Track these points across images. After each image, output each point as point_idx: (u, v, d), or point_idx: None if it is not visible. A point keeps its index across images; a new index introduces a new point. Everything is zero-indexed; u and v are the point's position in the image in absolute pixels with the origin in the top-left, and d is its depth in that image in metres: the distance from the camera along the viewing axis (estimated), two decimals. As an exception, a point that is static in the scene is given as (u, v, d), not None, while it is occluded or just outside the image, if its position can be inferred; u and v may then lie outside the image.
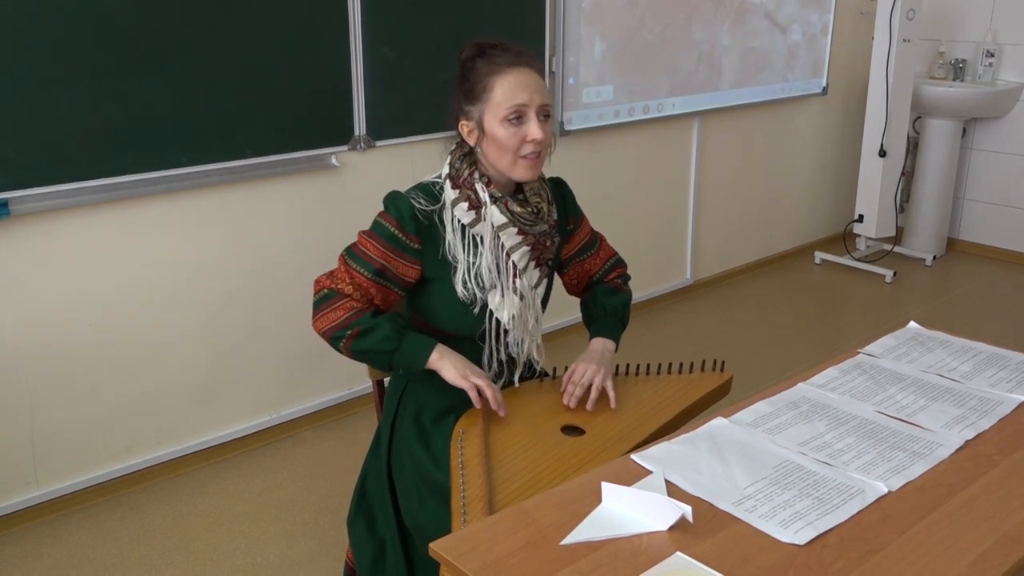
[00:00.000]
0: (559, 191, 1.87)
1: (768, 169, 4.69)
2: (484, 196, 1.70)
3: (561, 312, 3.44)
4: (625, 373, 1.86)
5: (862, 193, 4.68)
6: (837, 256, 4.85)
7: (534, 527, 1.21)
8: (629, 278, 1.99)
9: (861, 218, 4.70)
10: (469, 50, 1.72)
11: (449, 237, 1.70)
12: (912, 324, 1.97)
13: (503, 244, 1.72)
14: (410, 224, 1.68)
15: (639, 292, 2.12)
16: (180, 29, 2.49)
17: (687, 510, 1.21)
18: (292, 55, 2.72)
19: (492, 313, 1.73)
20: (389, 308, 1.73)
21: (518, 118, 1.66)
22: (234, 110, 2.64)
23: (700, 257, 4.42)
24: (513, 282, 1.73)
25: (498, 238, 1.71)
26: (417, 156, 3.08)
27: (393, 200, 1.71)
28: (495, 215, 1.70)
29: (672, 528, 1.21)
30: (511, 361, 1.82)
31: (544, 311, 1.85)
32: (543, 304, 1.84)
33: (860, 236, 4.89)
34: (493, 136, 1.67)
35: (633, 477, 1.33)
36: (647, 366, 1.87)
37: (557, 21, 3.40)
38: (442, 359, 1.68)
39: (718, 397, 1.83)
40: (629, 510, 1.24)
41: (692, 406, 1.75)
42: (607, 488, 1.26)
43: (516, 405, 1.73)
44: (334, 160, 2.93)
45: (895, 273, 4.59)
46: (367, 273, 1.67)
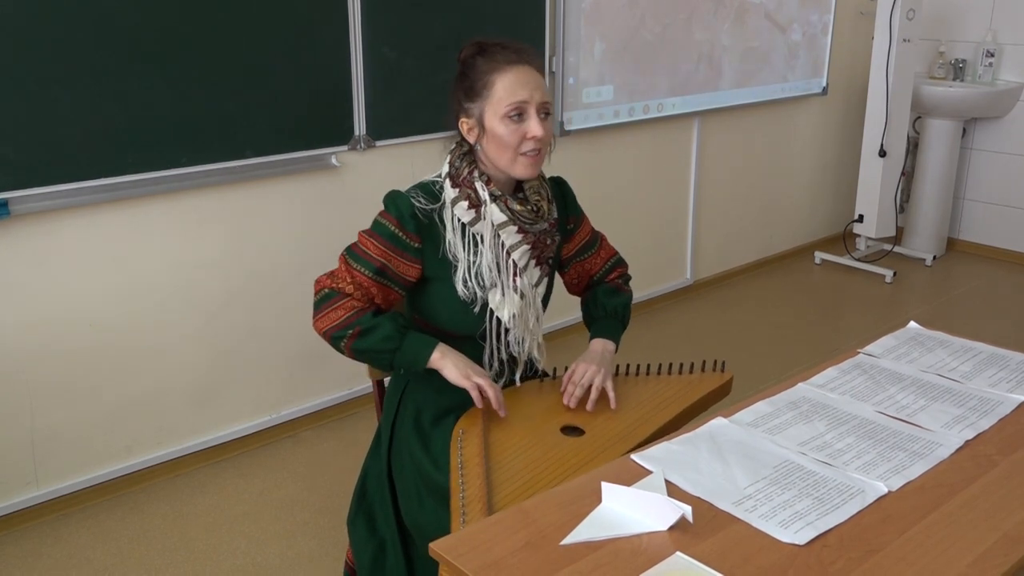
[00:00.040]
0: (559, 190, 1.87)
1: (768, 169, 4.69)
2: (484, 194, 1.70)
3: (562, 312, 3.44)
4: (625, 373, 1.86)
5: (862, 193, 4.68)
6: (837, 256, 4.85)
7: (534, 527, 1.21)
8: (630, 278, 1.99)
9: (861, 218, 4.70)
10: (469, 49, 1.72)
11: (449, 236, 1.70)
12: (912, 324, 1.97)
13: (503, 243, 1.71)
14: (410, 223, 1.68)
15: (639, 292, 2.12)
16: (180, 29, 2.49)
17: (687, 510, 1.21)
18: (292, 55, 2.72)
19: (493, 312, 1.73)
20: (390, 308, 1.73)
21: (519, 115, 1.66)
22: (234, 110, 2.64)
23: (700, 257, 4.42)
24: (513, 280, 1.73)
25: (498, 236, 1.71)
26: (417, 156, 3.08)
27: (393, 199, 1.71)
28: (495, 213, 1.70)
29: (672, 528, 1.21)
30: (512, 360, 1.82)
31: (545, 310, 1.85)
32: (544, 303, 1.84)
33: (860, 236, 4.88)
34: (493, 133, 1.67)
35: (633, 477, 1.33)
36: (647, 366, 1.87)
37: (557, 21, 3.40)
38: (444, 358, 1.68)
39: (718, 398, 1.83)
40: (629, 510, 1.23)
41: (692, 407, 1.75)
42: (607, 488, 1.26)
43: (516, 405, 1.73)
44: (334, 160, 2.93)
45: (895, 273, 4.59)
46: (368, 272, 1.67)
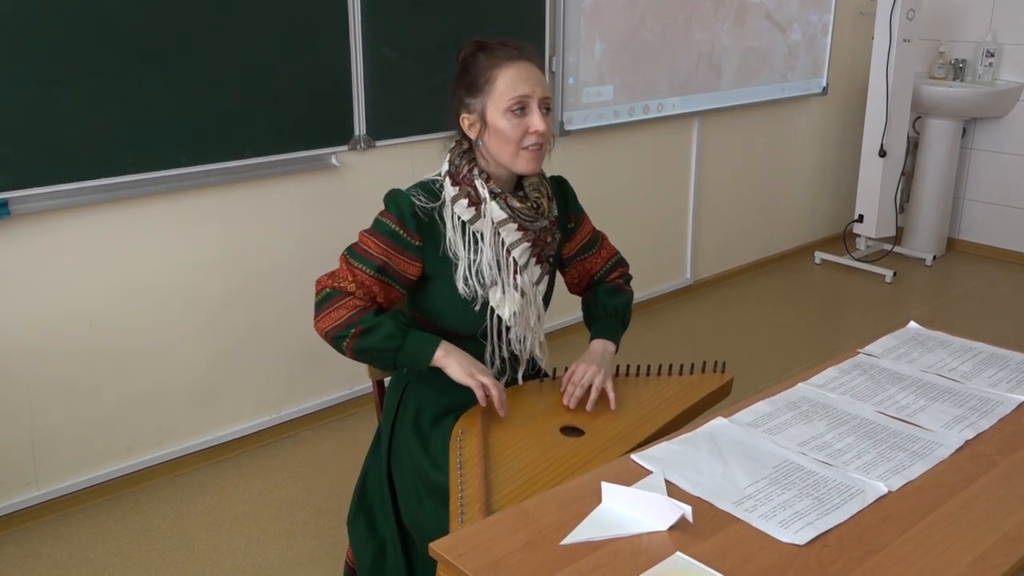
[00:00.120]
0: (560, 189, 1.87)
1: (768, 169, 4.69)
2: (484, 192, 1.70)
3: (562, 312, 3.44)
4: (625, 374, 1.86)
5: (862, 193, 4.68)
6: (837, 256, 4.85)
7: (534, 527, 1.21)
8: (631, 278, 1.99)
9: (861, 218, 4.70)
10: (469, 48, 1.73)
11: (450, 234, 1.70)
12: (912, 324, 1.97)
13: (503, 240, 1.72)
14: (411, 221, 1.68)
15: (639, 292, 2.12)
16: (180, 29, 2.49)
17: (687, 510, 1.21)
18: (292, 55, 2.72)
19: (493, 310, 1.73)
20: (391, 307, 1.73)
21: (521, 109, 1.66)
22: (234, 110, 2.64)
23: (700, 257, 4.42)
24: (514, 279, 1.73)
25: (498, 234, 1.71)
26: (417, 156, 3.08)
27: (393, 198, 1.71)
28: (495, 211, 1.70)
29: (672, 528, 1.21)
30: (514, 359, 1.82)
31: (547, 309, 1.84)
32: (545, 302, 1.83)
33: (860, 236, 4.88)
34: (495, 128, 1.67)
35: (633, 477, 1.33)
36: (647, 367, 1.87)
37: (557, 21, 3.40)
38: (447, 356, 1.67)
39: (719, 399, 1.83)
40: (629, 510, 1.23)
41: (692, 407, 1.75)
42: (607, 488, 1.26)
43: (516, 405, 1.72)
44: (334, 160, 2.93)
45: (895, 273, 4.59)
46: (369, 271, 1.67)
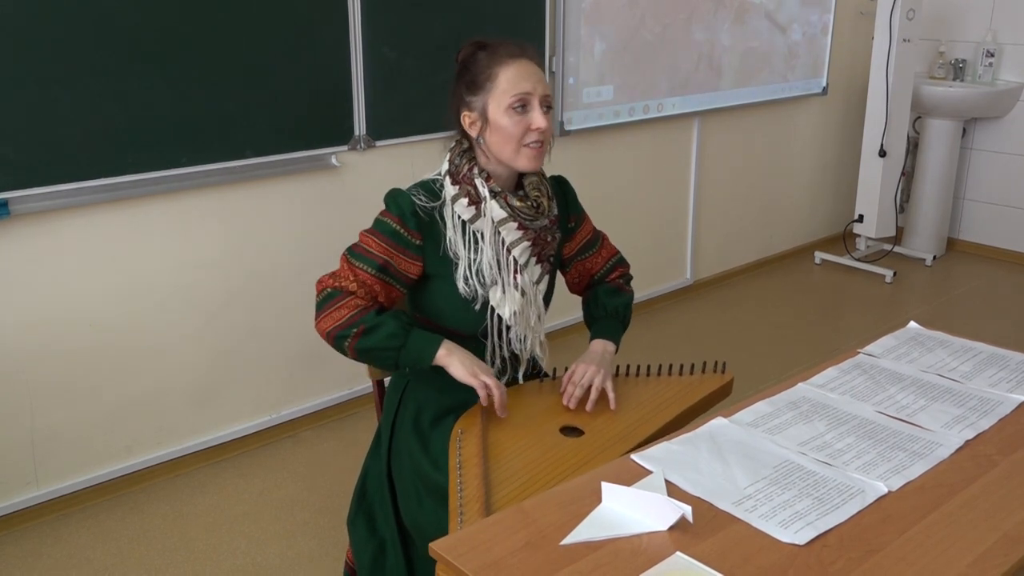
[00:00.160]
0: (560, 188, 1.87)
1: (768, 169, 4.69)
2: (484, 191, 1.70)
3: (562, 312, 3.44)
4: (625, 374, 1.86)
5: (862, 193, 4.68)
6: (837, 256, 4.85)
7: (534, 527, 1.21)
8: (631, 278, 1.99)
9: (861, 218, 4.70)
10: (468, 48, 1.73)
11: (450, 234, 1.70)
12: (912, 324, 1.97)
13: (503, 239, 1.72)
14: (411, 220, 1.68)
15: (639, 292, 2.12)
16: (180, 29, 2.49)
17: (687, 510, 1.21)
18: (292, 55, 2.72)
19: (494, 309, 1.73)
20: (392, 306, 1.73)
21: (522, 106, 1.66)
22: (234, 110, 2.64)
23: (700, 257, 4.42)
24: (514, 278, 1.73)
25: (498, 233, 1.71)
26: (417, 156, 3.08)
27: (394, 197, 1.71)
28: (495, 210, 1.70)
29: (672, 528, 1.20)
30: (514, 358, 1.82)
31: (547, 309, 1.84)
32: (546, 301, 1.83)
33: (860, 236, 4.88)
34: (497, 125, 1.67)
35: (633, 477, 1.33)
36: (647, 367, 1.87)
37: (557, 21, 3.40)
38: (450, 355, 1.66)
39: (719, 399, 1.83)
40: (629, 510, 1.23)
41: (692, 408, 1.75)
42: (607, 488, 1.26)
43: (515, 406, 1.72)
44: (334, 160, 2.93)
45: (895, 273, 4.59)
46: (371, 270, 1.67)
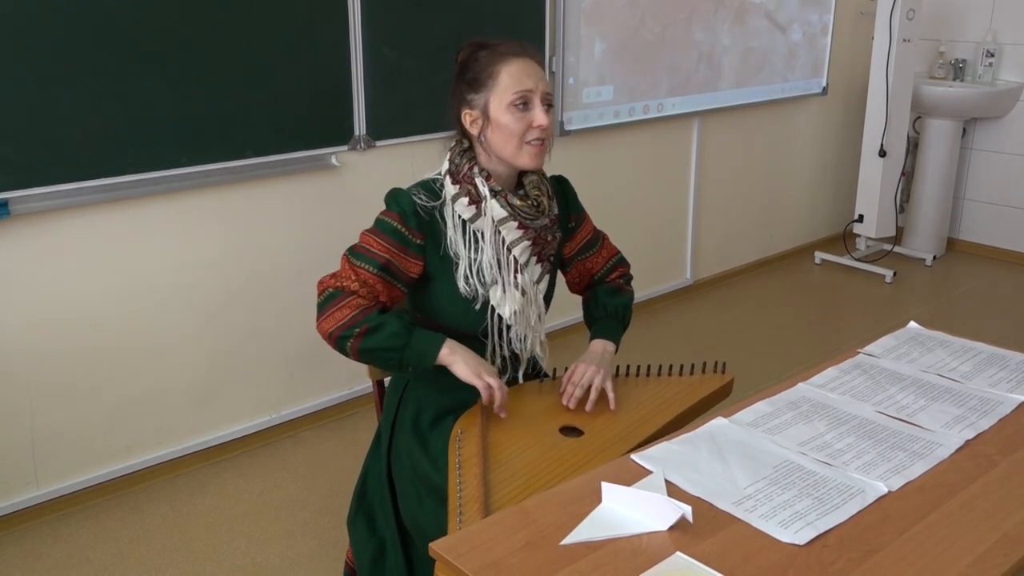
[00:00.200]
0: (561, 188, 1.87)
1: (768, 169, 4.68)
2: (484, 190, 1.70)
3: (562, 312, 3.44)
4: (625, 374, 1.86)
5: (862, 193, 4.68)
6: (837, 256, 4.85)
7: (534, 527, 1.21)
8: (631, 278, 1.99)
9: (861, 218, 4.70)
10: (468, 49, 1.73)
11: (450, 233, 1.70)
12: (912, 324, 1.97)
13: (504, 239, 1.72)
14: (412, 219, 1.68)
15: (639, 292, 2.12)
16: (180, 29, 2.49)
17: (687, 510, 1.21)
18: (292, 55, 2.72)
19: (494, 309, 1.73)
20: (393, 306, 1.73)
21: (524, 104, 1.67)
22: (234, 110, 2.64)
23: (700, 257, 4.42)
24: (514, 277, 1.73)
25: (498, 232, 1.71)
26: (417, 156, 3.08)
27: (395, 197, 1.71)
28: (495, 209, 1.70)
29: (672, 528, 1.21)
30: (514, 357, 1.82)
31: (548, 309, 1.84)
32: (546, 301, 1.83)
33: (860, 236, 4.88)
34: (499, 123, 1.67)
35: (633, 477, 1.33)
36: (647, 367, 1.87)
37: (557, 21, 3.40)
38: (453, 354, 1.66)
39: (719, 399, 1.83)
40: (629, 510, 1.23)
41: (692, 408, 1.75)
42: (607, 488, 1.26)
43: (515, 406, 1.72)
44: (334, 160, 2.93)
45: (895, 273, 4.59)
46: (372, 269, 1.66)
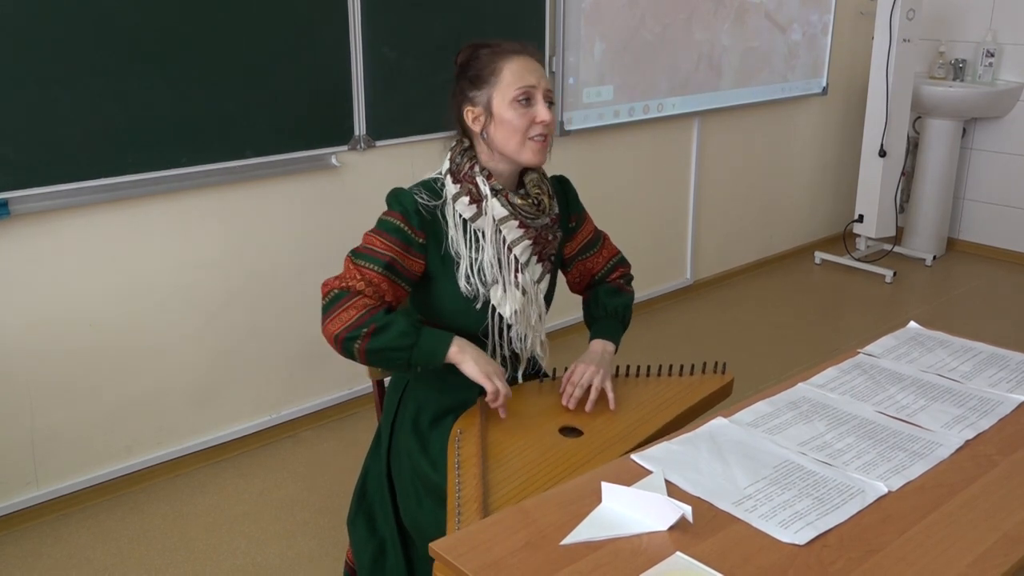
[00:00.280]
0: (562, 188, 1.87)
1: (768, 169, 4.69)
2: (485, 189, 1.71)
3: (563, 312, 3.44)
4: (625, 375, 1.86)
5: (862, 193, 4.68)
6: (837, 256, 4.85)
7: (534, 527, 1.21)
8: (632, 278, 1.99)
9: (861, 218, 4.70)
10: (468, 49, 1.73)
11: (451, 232, 1.70)
12: (912, 324, 1.97)
13: (504, 238, 1.72)
14: (415, 218, 1.68)
15: (639, 292, 2.12)
16: (180, 29, 2.49)
17: (687, 510, 1.21)
18: (292, 55, 2.72)
19: (495, 309, 1.73)
20: (398, 307, 1.72)
21: (527, 100, 1.67)
22: (234, 110, 2.64)
23: (700, 257, 4.42)
24: (515, 277, 1.73)
25: (499, 232, 1.71)
26: (417, 156, 3.08)
27: (396, 196, 1.71)
28: (496, 208, 1.70)
29: (672, 528, 1.20)
30: (515, 357, 1.82)
31: (548, 308, 1.84)
32: (547, 301, 1.83)
33: (860, 236, 4.88)
34: (502, 119, 1.68)
35: (633, 477, 1.33)
36: (647, 368, 1.87)
37: (557, 21, 3.40)
38: (462, 352, 1.65)
39: (719, 399, 1.82)
40: (629, 510, 1.23)
41: (692, 408, 1.75)
42: (607, 488, 1.26)
43: (515, 406, 1.72)
44: (334, 160, 2.93)
45: (895, 273, 4.59)
46: (377, 268, 1.65)
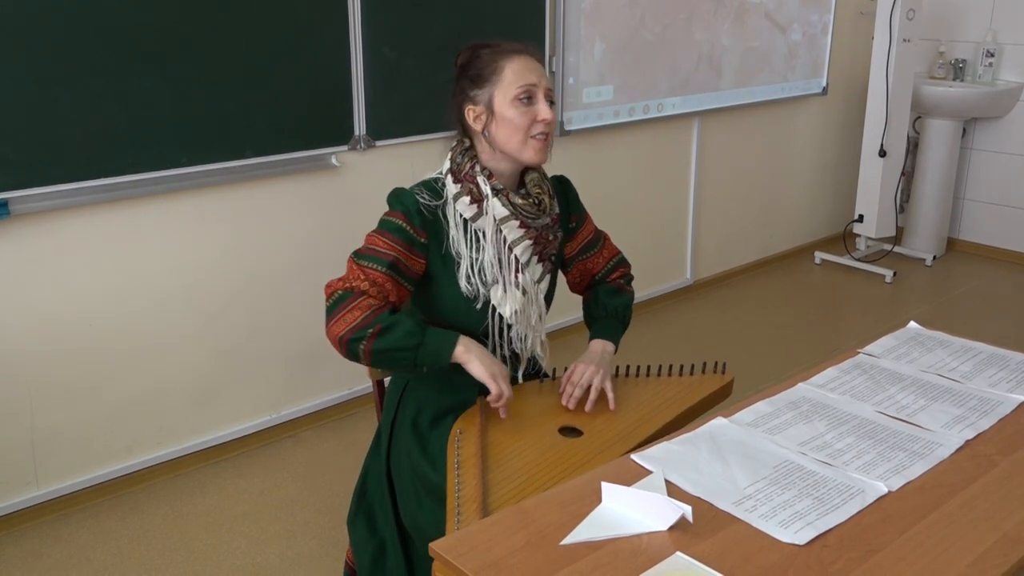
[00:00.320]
0: (562, 188, 1.88)
1: (768, 169, 4.68)
2: (486, 188, 1.71)
3: (563, 312, 3.44)
4: (625, 375, 1.86)
5: (862, 193, 4.68)
6: (837, 256, 4.85)
7: (534, 527, 1.21)
8: (632, 278, 1.99)
9: (861, 218, 4.70)
10: (468, 50, 1.73)
11: (453, 232, 1.70)
12: (912, 324, 1.97)
13: (505, 238, 1.72)
14: (416, 218, 1.68)
15: (639, 292, 2.12)
16: (180, 29, 2.49)
17: (687, 510, 1.21)
18: (292, 55, 2.72)
19: (495, 308, 1.73)
20: (401, 307, 1.72)
21: (528, 98, 1.68)
22: (234, 110, 2.64)
23: (700, 257, 4.42)
24: (515, 277, 1.73)
25: (500, 231, 1.71)
26: (417, 156, 3.08)
27: (398, 196, 1.71)
28: (497, 208, 1.70)
29: (672, 528, 1.20)
30: (515, 357, 1.82)
31: (548, 309, 1.84)
32: (547, 301, 1.83)
33: (860, 236, 4.88)
34: (503, 117, 1.68)
35: (633, 477, 1.33)
36: (647, 368, 1.87)
37: (557, 21, 3.40)
38: (468, 352, 1.64)
39: (719, 399, 1.83)
40: (629, 510, 1.23)
41: (692, 408, 1.75)
42: (607, 488, 1.26)
43: (515, 406, 1.72)
44: (334, 160, 2.93)
45: (895, 273, 4.59)
46: (381, 268, 1.64)
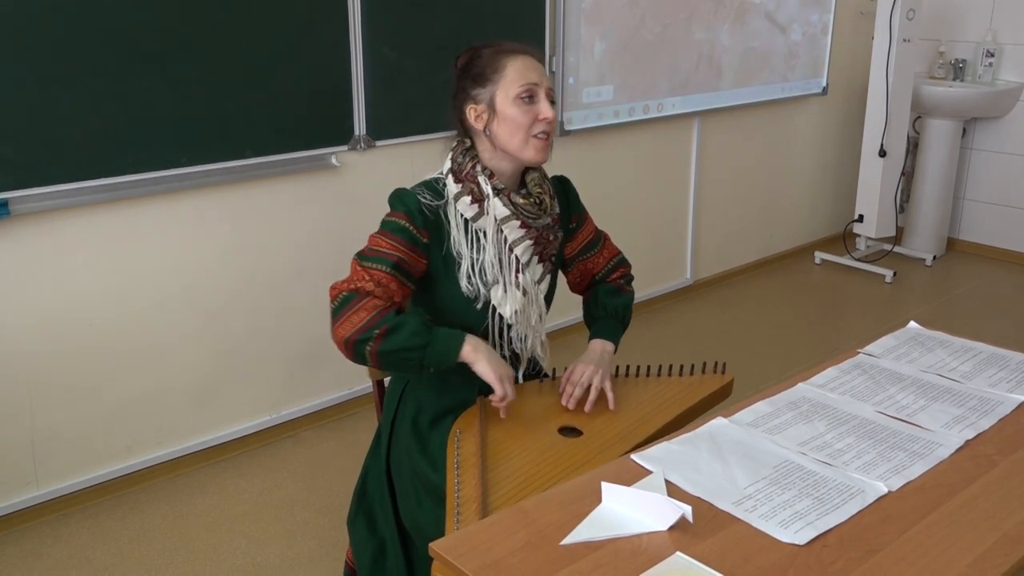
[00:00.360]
0: (563, 188, 1.88)
1: (768, 169, 4.69)
2: (487, 188, 1.70)
3: (563, 312, 3.44)
4: (625, 375, 1.86)
5: (862, 193, 4.68)
6: (837, 256, 4.85)
7: (534, 527, 1.21)
8: (632, 278, 1.99)
9: (861, 218, 4.70)
10: (468, 51, 1.74)
11: (454, 232, 1.70)
12: (912, 324, 1.97)
13: (506, 238, 1.72)
14: (419, 218, 1.68)
15: (639, 292, 2.12)
16: (180, 29, 2.49)
17: (687, 510, 1.21)
18: (292, 55, 2.72)
19: (495, 309, 1.73)
20: (404, 306, 1.72)
21: (530, 97, 1.68)
22: (234, 110, 2.64)
23: (700, 257, 4.42)
24: (516, 277, 1.73)
25: (501, 231, 1.71)
26: (417, 156, 3.08)
27: (399, 197, 1.71)
28: (497, 207, 1.70)
29: (672, 528, 1.21)
30: (515, 357, 1.82)
31: (549, 309, 1.84)
32: (547, 301, 1.83)
33: (860, 236, 4.88)
34: (505, 115, 1.68)
35: (633, 477, 1.33)
36: (647, 368, 1.87)
37: (557, 21, 3.40)
38: (476, 352, 1.63)
39: (719, 399, 1.83)
40: (629, 510, 1.23)
41: (692, 408, 1.75)
42: (607, 488, 1.26)
43: (515, 405, 1.71)
44: (334, 160, 2.93)
45: (895, 273, 4.59)
46: (386, 268, 1.64)
